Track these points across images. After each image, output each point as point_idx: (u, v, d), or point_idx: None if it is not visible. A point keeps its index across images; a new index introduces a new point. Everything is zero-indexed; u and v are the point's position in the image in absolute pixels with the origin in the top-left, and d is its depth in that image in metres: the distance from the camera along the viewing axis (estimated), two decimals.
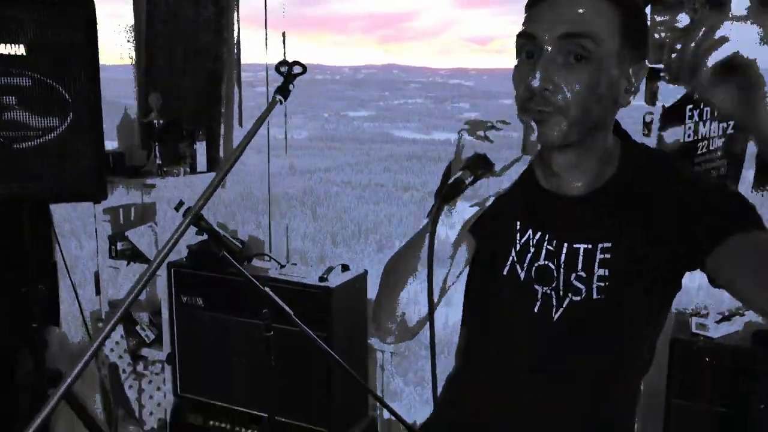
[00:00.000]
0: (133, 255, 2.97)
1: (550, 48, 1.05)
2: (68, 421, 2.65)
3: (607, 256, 1.15)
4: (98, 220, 3.02)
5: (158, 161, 3.02)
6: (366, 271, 2.77)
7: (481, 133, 0.99)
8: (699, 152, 2.39)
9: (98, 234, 3.03)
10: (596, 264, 1.15)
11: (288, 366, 2.61)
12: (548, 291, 1.21)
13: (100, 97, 2.40)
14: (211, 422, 2.85)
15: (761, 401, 1.95)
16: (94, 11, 2.35)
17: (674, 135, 2.39)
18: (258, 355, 2.67)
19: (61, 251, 2.80)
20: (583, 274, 1.17)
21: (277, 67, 1.31)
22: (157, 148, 3.02)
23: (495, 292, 1.27)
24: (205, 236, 2.31)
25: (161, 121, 3.03)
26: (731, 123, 2.35)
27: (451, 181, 0.96)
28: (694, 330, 2.20)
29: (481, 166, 0.96)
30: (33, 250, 2.53)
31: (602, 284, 1.15)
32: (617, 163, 1.19)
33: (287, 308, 2.19)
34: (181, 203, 2.97)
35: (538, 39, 1.06)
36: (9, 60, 2.25)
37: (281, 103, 1.28)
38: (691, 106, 2.37)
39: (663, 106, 2.38)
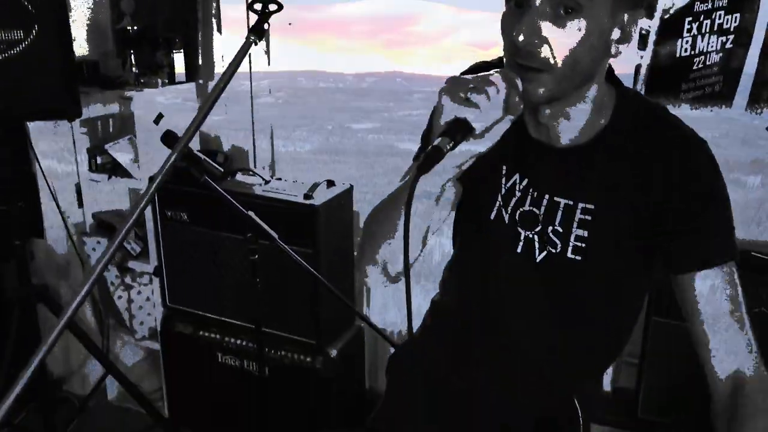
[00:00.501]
0: (114, 168, 2.91)
1: (538, 1, 0.97)
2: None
3: (588, 217, 1.13)
4: (75, 131, 2.93)
5: (135, 70, 2.90)
6: (351, 186, 2.74)
7: (462, 95, 0.93)
8: (695, 67, 2.31)
9: (76, 147, 2.96)
10: (575, 223, 1.14)
11: (275, 281, 2.64)
12: (531, 235, 1.20)
13: (66, 9, 2.27)
14: (201, 332, 2.91)
15: None
16: None
17: (671, 49, 2.31)
18: (245, 270, 2.70)
19: (40, 166, 2.74)
20: (560, 229, 1.16)
21: (251, 4, 1.21)
22: (132, 56, 2.90)
23: (481, 234, 1.27)
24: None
25: (135, 28, 2.88)
26: (730, 37, 2.26)
27: (428, 149, 0.91)
28: None
29: (460, 131, 0.91)
30: (10, 168, 2.48)
31: (579, 244, 1.14)
32: (610, 113, 1.13)
33: (272, 232, 2.18)
34: (160, 116, 2.90)
35: None
36: None
37: (255, 44, 1.19)
38: (690, 19, 2.26)
39: (661, 18, 2.27)
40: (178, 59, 2.94)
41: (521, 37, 0.96)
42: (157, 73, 2.91)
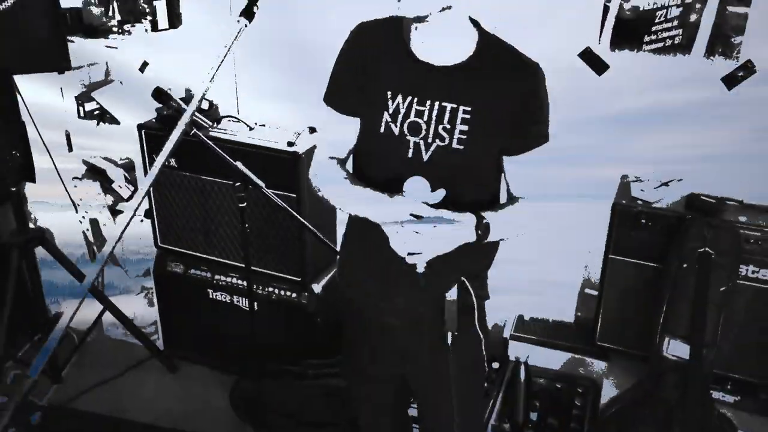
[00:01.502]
0: (102, 115, 3.00)
1: None
2: None
3: (468, 117, 1.47)
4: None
5: (117, 17, 2.95)
6: None
7: None
8: (656, 21, 2.43)
9: (63, 93, 3.04)
10: (458, 120, 1.48)
11: (261, 224, 2.80)
12: (418, 140, 1.52)
13: None
14: (192, 271, 3.08)
15: (683, 260, 2.20)
16: None
17: (634, 3, 2.44)
18: (233, 213, 2.86)
19: (30, 115, 2.82)
20: (448, 126, 1.49)
21: None
22: (115, 3, 2.94)
23: (375, 147, 1.59)
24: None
25: None
26: None
27: None
28: (633, 194, 2.40)
29: None
30: (2, 119, 2.57)
31: (463, 137, 1.48)
32: (474, 44, 1.49)
33: (260, 182, 2.33)
34: (145, 64, 2.98)
35: None
36: None
37: (246, 26, 1.31)
38: None
39: None
40: (160, 6, 2.99)
41: None
42: (139, 20, 2.96)
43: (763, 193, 2.41)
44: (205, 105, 3.01)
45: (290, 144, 2.68)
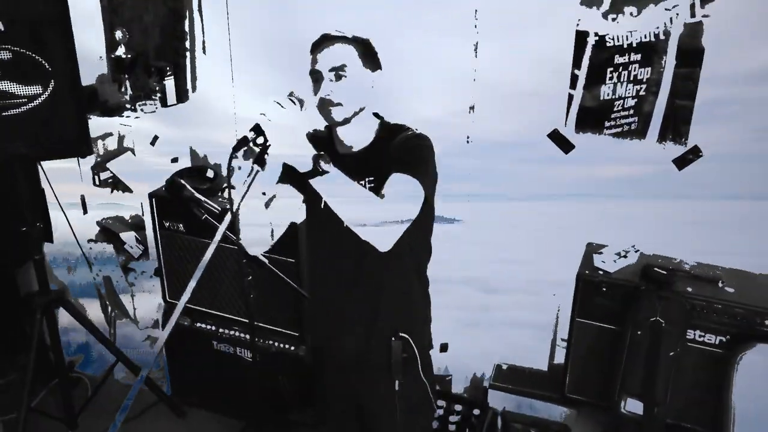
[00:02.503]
0: (115, 184, 3.27)
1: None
2: None
3: (372, 184, 1.89)
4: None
5: (129, 94, 3.24)
6: None
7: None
8: (615, 109, 2.75)
9: (80, 162, 3.31)
10: (367, 187, 1.89)
11: (264, 284, 3.08)
12: None
13: (77, 64, 2.60)
14: (198, 324, 3.35)
15: (638, 327, 2.50)
16: None
17: (596, 92, 2.75)
18: (236, 274, 3.13)
19: (51, 188, 3.09)
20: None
21: (254, 140, 1.63)
22: (128, 82, 3.23)
23: (319, 219, 1.98)
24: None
25: (129, 56, 3.20)
26: (643, 86, 2.69)
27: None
28: (595, 264, 2.70)
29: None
30: (28, 197, 2.84)
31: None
32: (375, 134, 1.98)
33: (265, 260, 2.61)
34: (156, 138, 3.27)
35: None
36: None
37: (258, 172, 1.61)
38: (611, 69, 2.68)
39: (588, 67, 2.70)
40: (169, 84, 3.28)
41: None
42: (150, 97, 3.25)
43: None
44: (210, 174, 3.31)
45: None
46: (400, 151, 1.88)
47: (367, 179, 1.93)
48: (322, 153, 1.79)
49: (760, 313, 2.41)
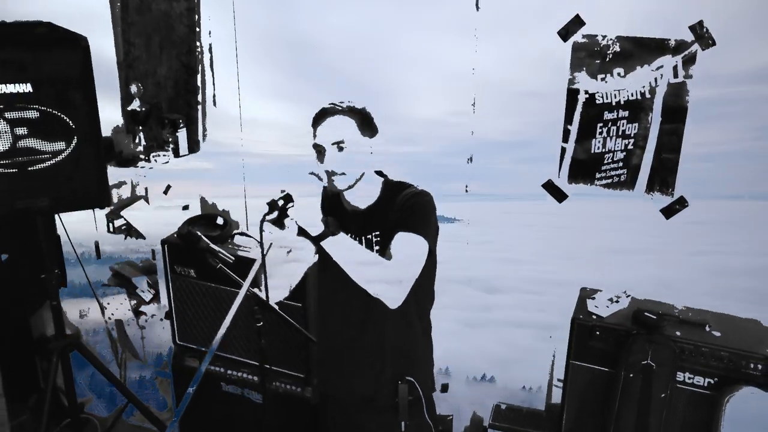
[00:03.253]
0: (129, 231, 3.41)
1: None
2: None
3: (378, 238, 2.05)
4: None
5: (143, 144, 3.39)
6: None
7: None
8: (605, 162, 2.91)
9: (95, 210, 3.45)
10: (373, 243, 2.08)
11: (272, 328, 3.20)
12: None
13: (99, 121, 2.76)
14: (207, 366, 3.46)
15: (630, 369, 2.63)
16: (88, 48, 2.66)
17: (587, 146, 2.91)
18: (244, 317, 3.25)
19: (68, 237, 3.23)
20: (368, 248, 2.10)
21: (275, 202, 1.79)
22: (142, 133, 3.39)
23: (330, 268, 2.11)
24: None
25: (144, 109, 3.37)
26: (631, 140, 2.86)
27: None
28: (589, 309, 2.84)
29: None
30: (47, 247, 2.97)
31: (377, 248, 2.08)
32: (380, 192, 2.12)
33: (275, 306, 2.73)
34: (168, 187, 3.41)
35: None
36: (18, 97, 2.59)
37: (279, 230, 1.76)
38: (600, 125, 2.85)
39: (579, 122, 2.87)
40: (182, 135, 3.44)
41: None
42: (163, 148, 3.41)
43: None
44: (219, 221, 3.45)
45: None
46: (403, 212, 2.05)
47: (373, 234, 2.09)
48: (331, 218, 1.95)
49: (745, 356, 2.54)
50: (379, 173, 2.20)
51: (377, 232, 2.10)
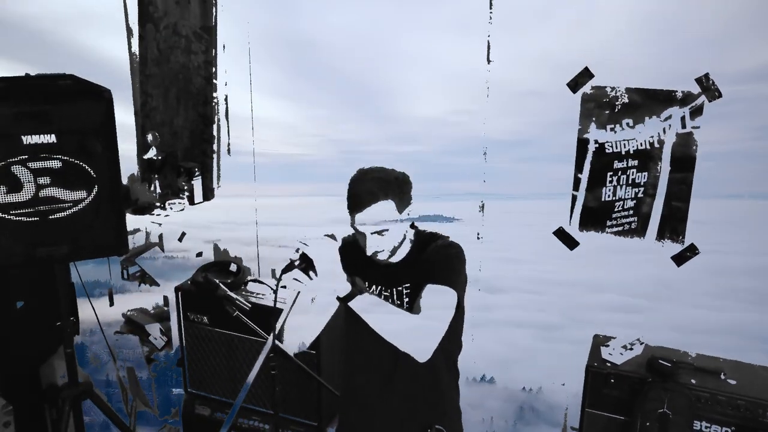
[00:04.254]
0: (143, 278, 3.44)
1: None
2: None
3: (408, 290, 2.06)
4: None
5: (159, 191, 3.45)
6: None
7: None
8: (615, 210, 2.96)
9: (109, 258, 3.48)
10: (404, 295, 2.08)
11: (285, 375, 3.20)
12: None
13: (120, 171, 2.81)
14: (217, 414, 3.45)
15: (646, 418, 2.63)
16: (111, 100, 2.73)
17: (598, 194, 2.96)
18: (260, 365, 3.25)
19: (81, 281, 3.25)
20: (398, 301, 2.11)
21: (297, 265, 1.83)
22: (157, 181, 3.44)
23: (358, 322, 2.05)
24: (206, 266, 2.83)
25: (160, 157, 3.43)
26: (641, 189, 2.91)
27: None
28: (603, 356, 2.84)
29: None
30: (63, 294, 2.99)
31: (407, 299, 2.08)
32: (410, 245, 2.11)
33: (289, 352, 2.75)
34: (183, 234, 3.44)
35: None
36: (43, 147, 2.64)
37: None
38: (611, 173, 2.91)
39: (589, 171, 2.92)
40: (197, 183, 3.50)
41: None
42: (178, 195, 3.46)
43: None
44: (233, 267, 3.48)
45: None
46: (433, 264, 2.05)
47: (404, 286, 2.09)
48: (358, 278, 1.95)
49: (762, 405, 2.54)
50: (412, 225, 2.18)
51: (407, 284, 2.11)
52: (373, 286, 2.16)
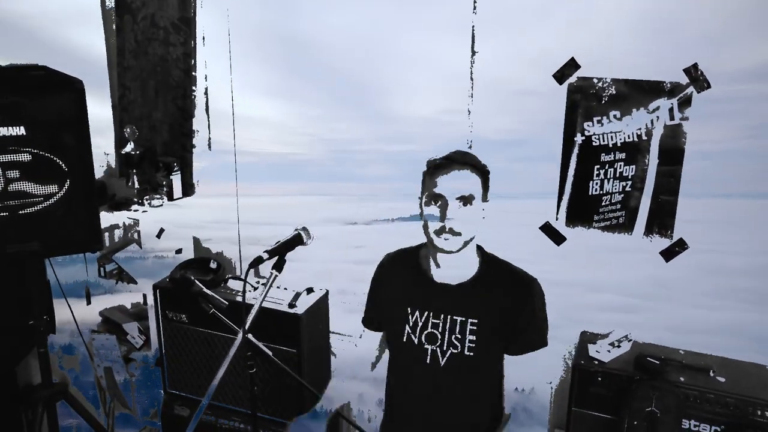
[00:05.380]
0: (120, 275, 3.35)
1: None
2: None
3: (474, 327, 1.86)
4: None
5: (137, 187, 3.36)
6: (327, 291, 3.24)
7: None
8: (603, 204, 2.89)
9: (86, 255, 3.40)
10: (467, 331, 1.87)
11: (265, 374, 3.12)
12: (435, 348, 1.93)
13: (93, 165, 2.73)
14: None
15: (634, 416, 2.56)
16: (83, 90, 2.64)
17: (585, 188, 2.89)
18: (236, 363, 3.17)
19: (57, 280, 3.16)
20: (459, 336, 1.88)
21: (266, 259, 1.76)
22: (135, 176, 3.36)
23: (399, 354, 2.02)
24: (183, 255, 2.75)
25: (138, 152, 3.35)
26: (628, 183, 2.85)
27: None
28: (590, 354, 2.78)
29: None
30: (36, 291, 2.91)
31: (472, 345, 1.87)
32: (477, 266, 1.92)
33: (268, 352, 2.67)
34: (161, 231, 3.36)
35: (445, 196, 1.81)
36: (11, 139, 2.56)
37: (276, 276, 1.72)
38: (598, 167, 2.84)
39: (576, 165, 2.86)
40: (176, 178, 3.41)
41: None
42: (156, 191, 3.38)
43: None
44: (213, 264, 3.40)
45: (291, 305, 3.04)
46: (520, 308, 1.90)
47: (469, 320, 1.89)
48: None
49: (752, 403, 2.48)
50: (478, 247, 1.99)
51: (475, 320, 1.88)
52: (424, 312, 1.94)
